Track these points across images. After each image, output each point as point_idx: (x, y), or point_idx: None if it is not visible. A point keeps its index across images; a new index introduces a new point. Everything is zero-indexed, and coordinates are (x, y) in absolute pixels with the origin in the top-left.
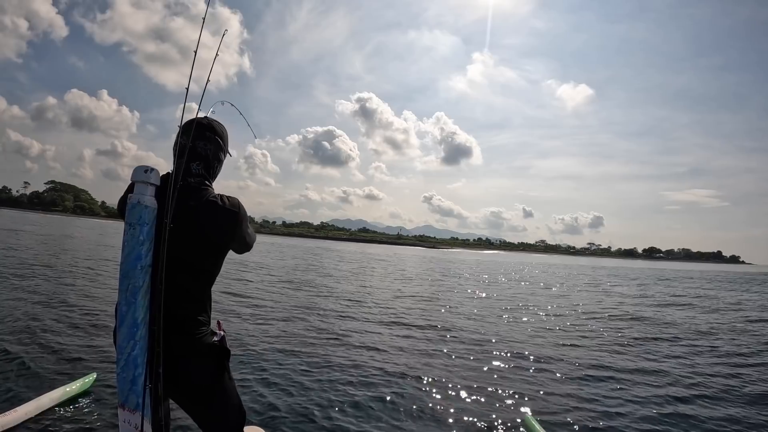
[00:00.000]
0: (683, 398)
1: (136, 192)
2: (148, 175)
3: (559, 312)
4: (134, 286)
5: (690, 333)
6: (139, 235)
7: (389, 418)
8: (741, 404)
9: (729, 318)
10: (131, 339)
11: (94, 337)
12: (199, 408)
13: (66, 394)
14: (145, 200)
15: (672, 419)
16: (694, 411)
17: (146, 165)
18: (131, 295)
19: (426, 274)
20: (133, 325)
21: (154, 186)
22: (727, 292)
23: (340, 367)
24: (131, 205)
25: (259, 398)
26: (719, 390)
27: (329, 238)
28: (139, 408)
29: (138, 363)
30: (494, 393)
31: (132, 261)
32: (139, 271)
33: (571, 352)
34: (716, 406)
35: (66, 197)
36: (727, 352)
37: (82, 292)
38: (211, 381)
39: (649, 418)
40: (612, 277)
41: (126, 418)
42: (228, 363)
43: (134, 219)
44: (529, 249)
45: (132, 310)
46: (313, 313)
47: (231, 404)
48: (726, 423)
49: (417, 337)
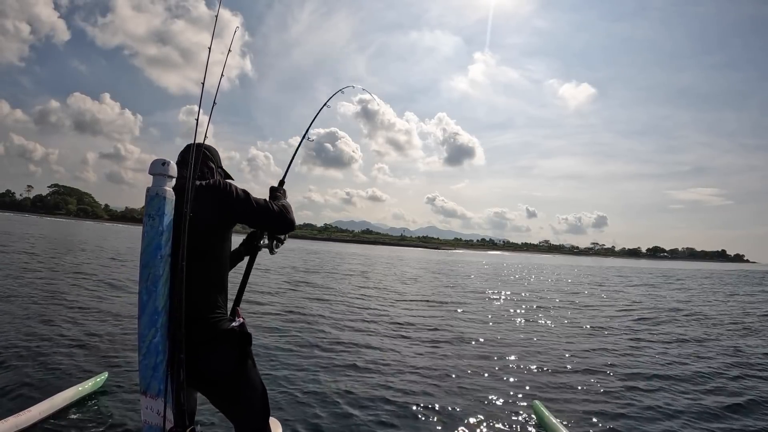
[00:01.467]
0: (701, 399)
1: (154, 184)
2: (165, 167)
3: (585, 314)
4: (155, 275)
5: (714, 334)
6: (158, 225)
7: (398, 408)
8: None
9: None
10: (153, 326)
11: (106, 337)
12: (223, 396)
13: (78, 394)
14: (163, 192)
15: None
16: (707, 409)
17: (163, 158)
18: (152, 283)
19: (432, 278)
20: (154, 313)
21: (171, 178)
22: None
23: (347, 364)
24: (150, 197)
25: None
26: (730, 393)
27: (332, 240)
28: (161, 394)
29: (159, 350)
30: (505, 383)
31: (152, 251)
32: (159, 260)
33: (594, 354)
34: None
35: (69, 200)
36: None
37: (92, 293)
38: (233, 368)
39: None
40: (621, 277)
41: (148, 404)
42: (250, 349)
43: (153, 210)
44: (533, 249)
45: (153, 299)
46: (314, 315)
47: (256, 392)
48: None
49: (425, 335)
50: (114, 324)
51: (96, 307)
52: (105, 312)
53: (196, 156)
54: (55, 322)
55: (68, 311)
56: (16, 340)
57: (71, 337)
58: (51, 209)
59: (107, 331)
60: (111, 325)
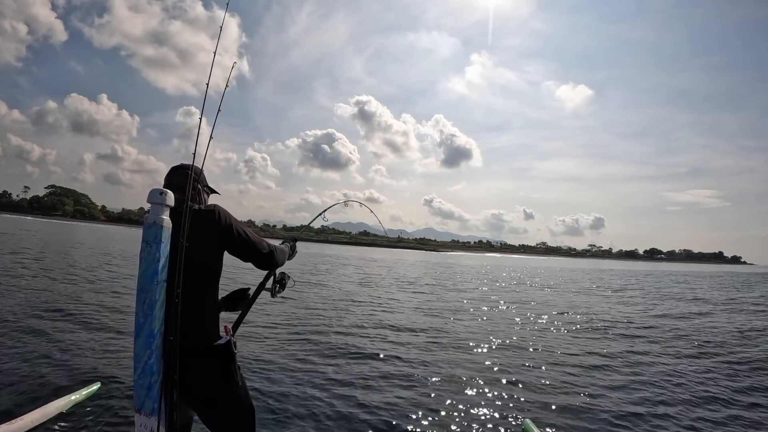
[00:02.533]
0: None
1: (152, 213)
2: (163, 197)
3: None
4: (151, 299)
5: (714, 341)
6: (155, 252)
7: (391, 420)
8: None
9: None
10: (148, 348)
11: (99, 347)
12: (209, 411)
13: (71, 402)
14: (160, 221)
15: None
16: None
17: (160, 188)
18: (148, 307)
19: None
20: (149, 336)
21: (168, 207)
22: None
23: (345, 370)
24: (147, 225)
25: (266, 404)
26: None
27: (330, 242)
28: (155, 412)
29: (154, 370)
30: (495, 399)
31: (149, 276)
32: (155, 286)
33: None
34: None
35: (66, 201)
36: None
37: (85, 301)
38: (215, 382)
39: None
40: (630, 281)
41: (142, 422)
42: (234, 366)
43: (151, 237)
44: (530, 251)
45: (149, 322)
46: (314, 318)
47: (241, 408)
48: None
49: (421, 342)
50: (107, 334)
51: (89, 316)
52: (98, 321)
53: (184, 182)
54: (48, 331)
55: (61, 320)
56: (8, 348)
57: (64, 346)
58: (48, 210)
59: (100, 341)
60: (104, 335)
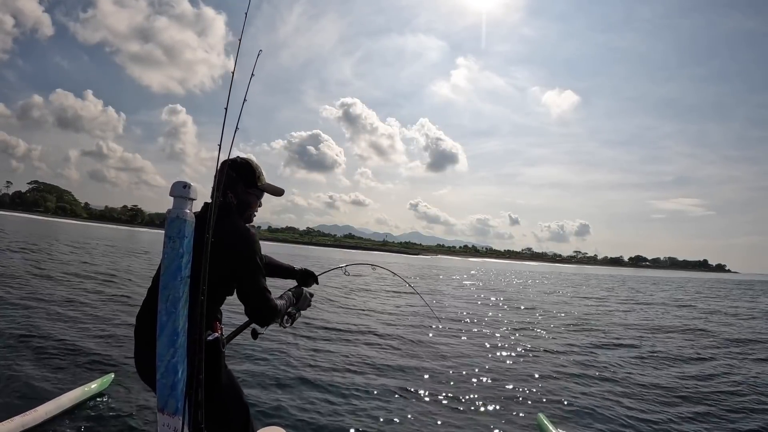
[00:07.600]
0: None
1: (175, 207)
2: (186, 190)
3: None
4: (174, 296)
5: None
6: (179, 248)
7: (401, 418)
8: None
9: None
10: (171, 347)
11: (112, 338)
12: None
13: (85, 394)
14: (184, 215)
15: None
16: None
17: (184, 181)
18: (172, 305)
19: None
20: (173, 334)
21: (192, 200)
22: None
23: (346, 369)
24: (171, 219)
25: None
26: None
27: (314, 244)
28: (178, 412)
29: (178, 369)
30: (508, 394)
31: (172, 272)
32: (179, 282)
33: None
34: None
35: (48, 198)
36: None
37: (97, 294)
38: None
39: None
40: (627, 286)
41: (165, 422)
42: (221, 361)
43: (174, 232)
44: (516, 257)
45: (173, 320)
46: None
47: (229, 401)
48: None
49: (425, 344)
50: (119, 325)
51: (102, 307)
52: (110, 313)
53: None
54: (61, 323)
55: (73, 312)
56: (22, 341)
57: (77, 337)
58: (30, 206)
59: (113, 333)
60: (116, 327)
